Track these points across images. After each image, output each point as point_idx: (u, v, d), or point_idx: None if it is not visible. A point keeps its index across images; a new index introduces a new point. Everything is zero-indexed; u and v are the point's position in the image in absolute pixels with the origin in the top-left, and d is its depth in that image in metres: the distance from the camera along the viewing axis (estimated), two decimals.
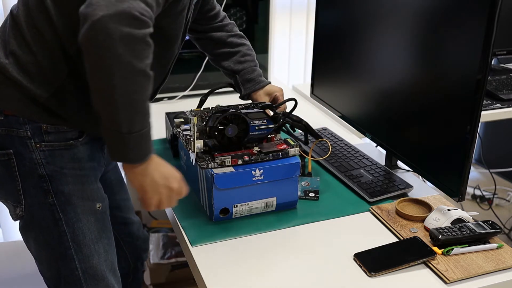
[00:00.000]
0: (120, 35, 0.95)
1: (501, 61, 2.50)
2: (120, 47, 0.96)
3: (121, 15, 0.95)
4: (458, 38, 1.18)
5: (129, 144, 1.03)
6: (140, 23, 0.98)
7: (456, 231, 1.17)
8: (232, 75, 1.53)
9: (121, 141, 1.03)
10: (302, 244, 1.20)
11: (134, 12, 0.97)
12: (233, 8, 2.00)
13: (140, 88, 1.01)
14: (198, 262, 1.13)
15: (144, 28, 0.99)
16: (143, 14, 0.98)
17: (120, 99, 0.99)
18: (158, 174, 1.10)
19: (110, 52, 0.96)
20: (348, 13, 1.59)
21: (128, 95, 1.00)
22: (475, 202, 2.90)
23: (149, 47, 1.01)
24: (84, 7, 0.97)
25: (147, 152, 1.07)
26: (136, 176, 1.09)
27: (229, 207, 1.25)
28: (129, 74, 0.99)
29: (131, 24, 0.97)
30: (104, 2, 0.95)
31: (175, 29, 1.23)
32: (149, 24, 1.01)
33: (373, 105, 1.52)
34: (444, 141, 1.26)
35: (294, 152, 1.29)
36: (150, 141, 1.07)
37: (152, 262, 2.09)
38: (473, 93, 1.15)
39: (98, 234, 1.24)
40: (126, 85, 0.99)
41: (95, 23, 0.94)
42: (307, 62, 2.77)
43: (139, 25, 0.98)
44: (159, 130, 1.74)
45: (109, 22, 0.94)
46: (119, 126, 1.01)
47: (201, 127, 1.25)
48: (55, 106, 1.16)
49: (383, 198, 1.37)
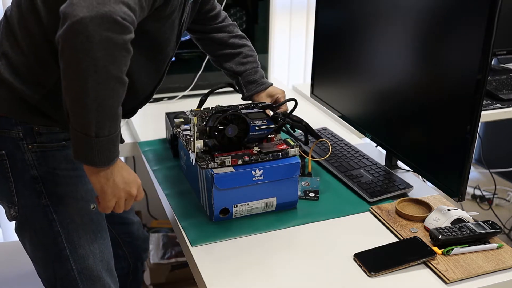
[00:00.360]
0: (99, 39, 0.93)
1: (501, 61, 2.50)
2: (98, 51, 0.93)
3: (102, 18, 0.93)
4: (458, 38, 1.18)
5: (96, 148, 1.01)
6: (121, 28, 0.95)
7: (456, 231, 1.17)
8: (234, 76, 1.52)
9: (88, 144, 1.01)
10: (302, 244, 1.20)
11: (116, 16, 0.94)
12: (233, 8, 2.00)
13: (113, 94, 0.99)
14: (198, 262, 1.13)
15: (125, 33, 0.96)
16: (124, 18, 0.96)
17: (92, 103, 0.97)
18: (120, 179, 1.08)
19: (88, 56, 0.93)
20: (348, 13, 1.59)
21: (100, 100, 0.97)
22: (475, 202, 2.90)
23: (128, 53, 0.99)
24: (65, 5, 0.94)
25: (113, 157, 1.05)
26: (99, 178, 1.07)
27: (229, 207, 1.25)
28: (103, 80, 0.96)
29: (112, 28, 0.94)
30: (85, 3, 0.92)
31: (165, 33, 1.21)
32: (130, 30, 0.98)
33: (373, 105, 1.52)
34: (444, 141, 1.26)
35: (294, 152, 1.29)
36: (117, 145, 1.06)
37: (152, 262, 2.10)
38: (473, 93, 1.15)
39: (93, 234, 1.24)
40: (99, 90, 0.96)
41: (74, 24, 0.92)
42: (307, 62, 2.77)
43: (119, 30, 0.95)
44: (159, 130, 1.74)
45: (89, 25, 0.92)
46: (87, 129, 0.99)
47: (201, 127, 1.25)
48: (47, 108, 1.15)
49: (383, 198, 1.37)
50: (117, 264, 1.48)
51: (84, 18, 0.91)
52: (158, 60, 1.27)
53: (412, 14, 1.32)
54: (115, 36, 0.94)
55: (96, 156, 1.02)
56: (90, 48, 0.93)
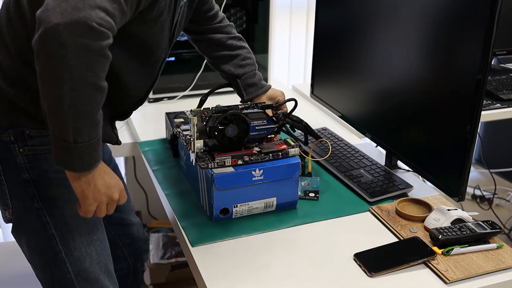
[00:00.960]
0: (74, 46, 0.91)
1: (501, 61, 2.50)
2: (72, 58, 0.91)
3: (76, 24, 0.90)
4: (458, 38, 1.18)
5: (75, 154, 0.99)
6: (97, 34, 0.93)
7: (456, 231, 1.17)
8: (232, 79, 1.50)
9: (67, 150, 0.98)
10: (302, 244, 1.20)
11: (91, 22, 0.92)
12: (233, 8, 2.00)
13: (90, 101, 0.97)
14: (198, 262, 1.13)
15: (101, 39, 0.94)
16: (101, 24, 0.93)
17: (68, 110, 0.95)
18: (101, 183, 1.06)
19: (62, 62, 0.91)
20: (348, 13, 1.59)
21: (77, 107, 0.95)
22: (475, 202, 2.90)
23: (106, 59, 0.97)
24: (41, 10, 0.92)
25: (94, 162, 1.03)
26: (79, 183, 1.04)
27: (229, 207, 1.25)
28: (79, 86, 0.94)
29: (87, 35, 0.92)
30: (59, 9, 0.90)
31: (154, 34, 1.19)
32: (108, 35, 0.95)
33: (373, 105, 1.52)
34: (444, 141, 1.26)
35: (294, 152, 1.29)
36: (98, 150, 1.03)
37: (152, 262, 2.10)
38: (473, 93, 1.15)
39: (89, 236, 1.23)
40: (74, 96, 0.94)
41: (48, 30, 0.90)
42: (307, 62, 2.77)
43: (95, 36, 0.93)
44: (159, 130, 1.74)
45: (63, 32, 0.90)
46: (65, 135, 0.97)
47: (201, 127, 1.25)
48: (36, 111, 1.13)
49: (383, 198, 1.37)
50: (117, 265, 1.47)
51: (58, 25, 0.89)
52: (150, 62, 1.25)
53: (412, 14, 1.32)
54: (91, 42, 0.92)
55: (76, 162, 1.00)
56: (64, 55, 0.91)
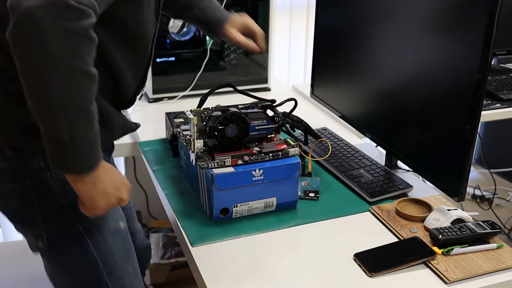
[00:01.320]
0: (52, 29, 0.80)
1: (501, 61, 2.50)
2: (54, 44, 0.81)
3: (52, 4, 0.80)
4: (458, 38, 1.18)
5: (73, 152, 0.90)
6: (77, 14, 0.83)
7: (456, 231, 1.17)
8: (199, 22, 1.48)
9: (63, 150, 0.90)
10: (302, 244, 1.20)
11: (69, 0, 0.81)
12: (233, 8, 2.00)
13: (81, 90, 0.88)
14: (198, 262, 1.13)
15: (82, 19, 0.84)
16: (80, 2, 0.83)
17: (58, 103, 0.86)
18: (108, 182, 0.98)
19: (42, 50, 0.81)
20: (348, 13, 1.59)
21: (67, 99, 0.86)
22: (475, 202, 2.91)
23: (90, 41, 0.87)
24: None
25: (96, 160, 0.94)
26: (84, 185, 0.95)
27: (229, 207, 1.25)
28: (66, 75, 0.85)
29: (66, 15, 0.81)
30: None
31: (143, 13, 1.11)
32: (89, 14, 0.85)
33: (373, 105, 1.52)
34: (444, 141, 1.26)
35: (294, 152, 1.29)
36: (98, 147, 0.95)
37: (152, 262, 2.10)
38: (473, 93, 1.15)
39: (125, 254, 1.20)
40: (63, 87, 0.85)
41: (22, 16, 0.80)
42: (307, 62, 2.78)
43: (76, 15, 0.82)
44: (159, 130, 1.74)
45: (38, 14, 0.79)
46: (59, 133, 0.88)
47: (201, 127, 1.25)
48: None
49: (383, 198, 1.37)
50: None
51: (31, 8, 0.79)
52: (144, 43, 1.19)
53: (412, 14, 1.32)
54: (71, 23, 0.82)
55: (75, 161, 0.92)
56: (43, 42, 0.81)
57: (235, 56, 2.08)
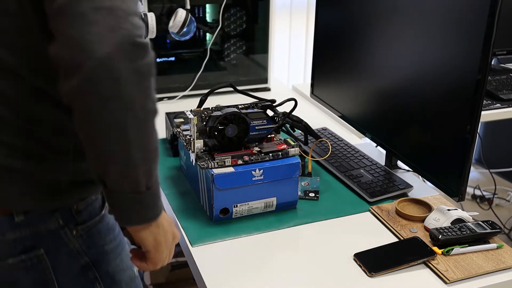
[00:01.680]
0: (126, 76, 0.73)
1: (501, 61, 2.50)
2: (131, 90, 0.74)
3: (122, 45, 0.72)
4: (458, 38, 1.18)
5: (149, 201, 0.83)
6: (143, 51, 0.75)
7: (456, 231, 1.17)
8: None
9: (142, 202, 0.82)
10: (302, 244, 1.20)
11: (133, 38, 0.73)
12: (233, 8, 2.00)
13: (154, 131, 0.82)
14: (198, 262, 1.13)
15: (147, 55, 0.76)
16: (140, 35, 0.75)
17: (139, 154, 0.78)
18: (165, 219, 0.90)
19: (121, 101, 0.74)
20: (348, 13, 1.59)
21: (146, 146, 0.80)
22: (475, 202, 2.91)
23: (154, 77, 0.80)
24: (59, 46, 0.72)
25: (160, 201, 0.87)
26: (151, 230, 0.86)
27: (229, 207, 1.25)
28: (144, 122, 0.78)
29: (134, 56, 0.74)
30: (95, 37, 0.71)
31: None
32: (149, 47, 0.77)
33: (373, 105, 1.52)
34: (444, 141, 1.26)
35: (294, 152, 1.29)
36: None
37: None
38: (473, 93, 1.15)
39: None
40: (142, 135, 0.78)
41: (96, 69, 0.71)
42: (307, 62, 2.78)
43: (142, 54, 0.75)
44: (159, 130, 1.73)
45: (113, 64, 0.71)
46: (137, 185, 0.80)
47: (201, 127, 1.25)
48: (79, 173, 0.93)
49: (383, 198, 1.37)
50: None
51: (105, 59, 0.71)
52: None
53: (412, 14, 1.32)
54: (139, 64, 0.75)
55: (150, 210, 0.84)
56: (122, 92, 0.73)
57: (235, 56, 2.08)
